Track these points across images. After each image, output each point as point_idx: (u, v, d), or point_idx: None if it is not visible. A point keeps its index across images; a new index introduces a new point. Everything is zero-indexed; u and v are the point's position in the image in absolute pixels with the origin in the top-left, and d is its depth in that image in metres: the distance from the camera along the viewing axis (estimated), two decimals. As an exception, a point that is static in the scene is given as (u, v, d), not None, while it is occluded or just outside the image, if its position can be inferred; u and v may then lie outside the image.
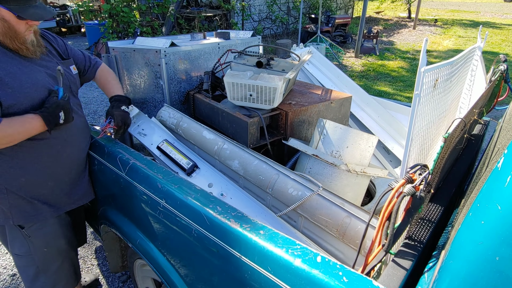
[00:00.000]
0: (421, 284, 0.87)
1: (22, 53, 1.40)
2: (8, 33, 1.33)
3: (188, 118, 2.01)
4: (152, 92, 2.37)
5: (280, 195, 1.49)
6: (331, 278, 0.87)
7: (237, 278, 1.08)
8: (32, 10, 1.34)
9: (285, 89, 2.00)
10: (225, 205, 1.21)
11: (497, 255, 0.59)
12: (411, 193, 0.89)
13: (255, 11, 10.64)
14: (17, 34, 1.35)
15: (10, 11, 1.29)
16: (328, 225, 1.33)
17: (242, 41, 2.64)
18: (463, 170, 1.49)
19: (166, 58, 2.21)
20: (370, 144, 1.62)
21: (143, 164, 1.52)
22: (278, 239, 1.02)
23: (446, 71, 1.22)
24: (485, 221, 0.63)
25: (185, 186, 1.34)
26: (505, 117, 1.50)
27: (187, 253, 1.29)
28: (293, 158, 1.90)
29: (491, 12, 19.95)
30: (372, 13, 17.36)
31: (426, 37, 1.08)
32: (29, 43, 1.41)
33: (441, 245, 1.00)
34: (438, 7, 22.64)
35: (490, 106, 1.97)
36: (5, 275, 2.36)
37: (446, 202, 1.24)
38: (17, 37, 1.36)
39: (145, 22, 7.46)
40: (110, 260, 2.01)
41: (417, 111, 1.01)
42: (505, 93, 1.93)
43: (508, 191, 0.60)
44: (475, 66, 1.93)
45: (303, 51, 2.87)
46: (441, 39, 11.41)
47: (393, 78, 7.27)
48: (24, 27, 1.36)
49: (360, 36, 8.65)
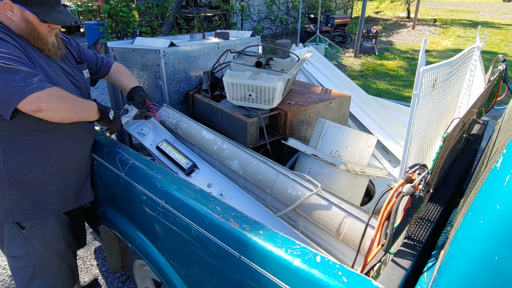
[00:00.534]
0: (420, 283, 0.87)
1: (45, 53, 1.49)
2: (32, 33, 1.43)
3: (188, 118, 2.01)
4: (152, 92, 2.37)
5: (280, 195, 1.49)
6: (331, 278, 0.87)
7: (236, 278, 1.08)
8: (54, 15, 1.44)
9: (285, 89, 2.00)
10: (225, 205, 1.21)
11: (496, 254, 0.59)
12: (410, 192, 0.89)
13: (254, 11, 10.64)
14: (40, 36, 1.45)
15: (35, 14, 1.39)
16: (328, 225, 1.33)
17: (241, 41, 2.64)
18: (462, 170, 1.50)
19: (165, 58, 2.20)
20: (369, 144, 1.62)
21: (143, 164, 1.52)
22: (278, 239, 1.02)
23: (445, 71, 1.22)
24: (484, 221, 0.63)
25: (185, 186, 1.34)
26: (504, 116, 1.51)
27: (187, 253, 1.29)
28: (293, 158, 1.91)
29: (490, 12, 19.98)
30: (371, 13, 17.37)
31: (425, 37, 1.08)
32: (51, 45, 1.50)
33: (440, 245, 1.00)
34: (437, 7, 22.67)
35: (489, 106, 1.98)
36: (4, 275, 2.36)
37: (445, 202, 1.24)
38: (40, 38, 1.45)
39: (144, 22, 7.45)
40: (110, 260, 2.01)
41: (416, 111, 1.01)
42: (504, 93, 1.94)
43: (507, 190, 0.60)
44: (474, 66, 1.93)
45: (302, 51, 2.87)
46: (440, 39, 11.43)
47: (392, 78, 7.27)
48: (47, 30, 1.47)
49: (359, 36, 8.66)
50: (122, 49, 2.33)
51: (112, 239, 1.91)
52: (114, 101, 2.54)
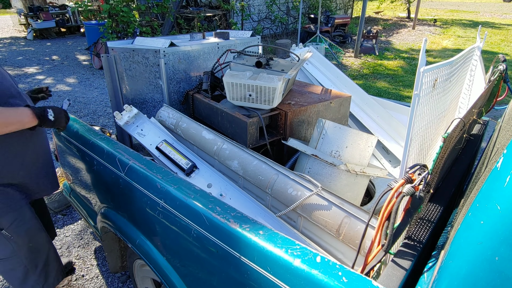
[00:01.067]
0: (420, 284, 0.87)
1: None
2: None
3: (188, 118, 2.01)
4: (151, 92, 2.37)
5: (280, 195, 1.49)
6: (331, 278, 0.87)
7: (236, 279, 1.08)
8: None
9: (285, 89, 2.00)
10: (225, 205, 1.21)
11: (497, 255, 0.59)
12: (410, 193, 0.89)
13: (255, 11, 10.64)
14: None
15: None
16: (328, 225, 1.33)
17: (241, 41, 2.64)
18: (463, 170, 1.49)
19: (165, 58, 2.20)
20: (370, 144, 1.62)
21: (142, 164, 1.51)
22: (278, 239, 1.02)
23: (445, 71, 1.22)
24: (485, 221, 0.63)
25: (185, 186, 1.34)
26: (504, 117, 1.50)
27: (187, 254, 1.29)
28: (293, 158, 1.90)
29: (490, 12, 19.97)
30: (371, 13, 17.37)
31: (425, 37, 1.08)
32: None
33: (440, 245, 1.00)
34: (437, 7, 22.66)
35: (489, 106, 1.97)
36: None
37: (446, 202, 1.24)
38: None
39: (145, 22, 7.46)
40: (110, 261, 2.01)
41: (417, 111, 1.01)
42: (504, 93, 1.93)
43: (508, 191, 0.60)
44: (474, 66, 1.93)
45: (302, 51, 2.87)
46: (440, 39, 11.42)
47: (392, 78, 7.27)
48: None
49: (359, 36, 8.66)
50: (122, 49, 2.33)
51: (112, 239, 1.91)
52: (114, 101, 2.54)
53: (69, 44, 10.60)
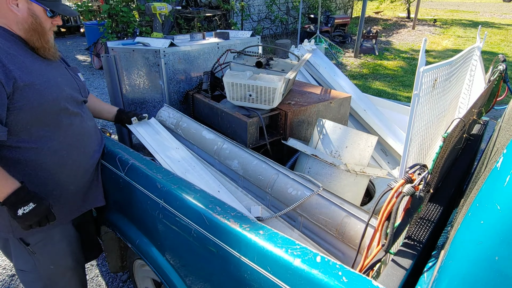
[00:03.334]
0: (420, 284, 0.87)
1: (45, 51, 1.38)
2: (38, 29, 1.33)
3: (188, 118, 2.01)
4: (152, 92, 2.37)
5: (280, 195, 1.49)
6: (331, 278, 0.87)
7: (236, 278, 1.08)
8: (63, 6, 1.36)
9: (285, 89, 2.00)
10: (225, 205, 1.21)
11: (497, 254, 0.59)
12: (410, 193, 0.89)
13: (255, 11, 10.63)
14: (45, 31, 1.36)
15: (43, 7, 1.31)
16: (328, 224, 1.33)
17: (241, 41, 2.64)
18: (462, 170, 1.49)
19: (165, 58, 2.20)
20: (369, 144, 1.62)
21: (143, 164, 1.51)
22: (278, 239, 1.02)
23: (445, 71, 1.22)
24: (485, 221, 0.63)
25: (185, 186, 1.34)
26: (504, 116, 1.50)
27: (187, 253, 1.29)
28: (293, 158, 1.90)
29: (490, 12, 19.98)
30: (371, 13, 17.37)
31: (425, 37, 1.08)
32: (51, 44, 1.41)
33: (440, 245, 1.00)
34: (437, 7, 22.67)
35: (489, 106, 1.97)
36: (4, 275, 2.36)
37: (446, 202, 1.24)
38: (45, 34, 1.36)
39: (144, 22, 7.45)
40: (110, 260, 2.01)
41: (416, 111, 1.01)
42: (504, 93, 1.94)
43: (507, 191, 0.60)
44: (474, 66, 1.93)
45: (308, 47, 2.87)
46: (440, 39, 11.43)
47: (392, 78, 7.27)
48: (49, 26, 1.38)
49: (359, 36, 8.66)
50: (122, 49, 2.33)
51: (112, 239, 1.91)
52: (114, 101, 2.54)
53: (69, 44, 10.59)
